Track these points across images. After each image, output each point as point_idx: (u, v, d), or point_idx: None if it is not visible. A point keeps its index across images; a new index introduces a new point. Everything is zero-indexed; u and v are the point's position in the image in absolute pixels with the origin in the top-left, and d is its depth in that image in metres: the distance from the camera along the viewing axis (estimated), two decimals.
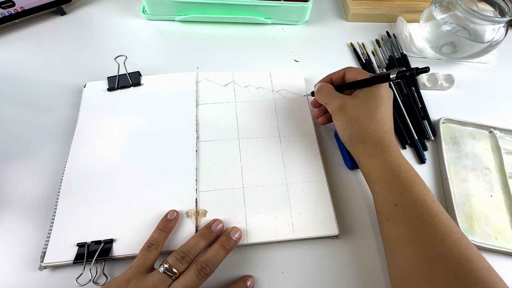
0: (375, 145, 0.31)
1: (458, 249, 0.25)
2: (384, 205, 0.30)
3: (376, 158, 0.31)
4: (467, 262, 0.24)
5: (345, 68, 0.36)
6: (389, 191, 0.29)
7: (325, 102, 0.35)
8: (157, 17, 0.50)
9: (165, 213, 0.32)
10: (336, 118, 0.33)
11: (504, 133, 0.41)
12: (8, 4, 0.45)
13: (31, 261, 0.30)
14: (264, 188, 0.34)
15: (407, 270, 0.26)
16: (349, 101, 0.33)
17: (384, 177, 0.30)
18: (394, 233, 0.28)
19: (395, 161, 0.30)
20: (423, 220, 0.27)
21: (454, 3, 0.43)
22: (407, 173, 0.30)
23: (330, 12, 0.55)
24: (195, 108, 0.40)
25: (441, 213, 0.27)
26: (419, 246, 0.26)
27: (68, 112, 0.40)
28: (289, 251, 0.32)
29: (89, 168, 0.35)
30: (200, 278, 0.27)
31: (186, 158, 0.36)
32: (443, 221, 0.27)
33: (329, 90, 0.35)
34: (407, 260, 0.27)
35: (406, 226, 0.27)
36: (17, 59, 0.45)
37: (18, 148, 0.37)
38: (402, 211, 0.28)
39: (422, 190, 0.29)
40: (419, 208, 0.27)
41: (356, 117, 0.32)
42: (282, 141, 0.38)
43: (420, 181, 0.29)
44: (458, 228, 0.27)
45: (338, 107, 0.33)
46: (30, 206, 0.33)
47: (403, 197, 0.28)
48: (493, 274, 0.24)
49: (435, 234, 0.26)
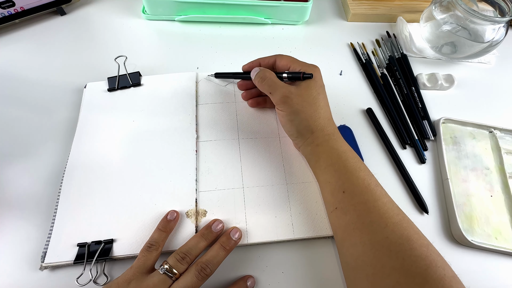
0: (323, 132, 0.31)
1: (399, 230, 0.26)
2: (333, 193, 0.30)
3: (325, 146, 0.31)
4: (408, 242, 0.25)
5: (276, 56, 0.35)
6: (338, 178, 0.29)
7: (269, 91, 0.33)
8: (157, 17, 0.50)
9: (165, 213, 0.32)
10: (281, 108, 0.32)
11: (504, 133, 0.41)
12: (8, 4, 0.45)
13: (32, 261, 0.30)
14: (264, 188, 0.35)
15: (355, 259, 0.27)
16: (294, 91, 0.32)
17: (333, 164, 0.30)
18: (343, 222, 0.28)
19: (341, 148, 0.31)
20: (369, 205, 0.27)
21: (454, 3, 0.43)
22: (353, 158, 0.30)
23: (330, 12, 0.55)
24: (195, 108, 0.40)
25: (384, 195, 0.28)
26: (365, 232, 0.26)
27: (68, 112, 0.40)
28: (289, 251, 0.32)
29: (89, 168, 0.35)
30: (200, 278, 0.27)
31: (186, 158, 0.36)
32: (386, 204, 0.27)
33: (273, 79, 0.33)
34: (355, 248, 0.27)
35: (354, 213, 0.28)
36: (17, 59, 0.45)
37: (18, 148, 0.37)
38: (349, 198, 0.28)
39: (367, 175, 0.29)
40: (364, 193, 0.28)
41: (302, 107, 0.31)
42: (282, 141, 0.38)
43: (364, 167, 0.30)
44: (399, 210, 0.28)
45: (283, 97, 0.32)
46: (31, 206, 0.33)
47: (350, 183, 0.29)
48: (432, 251, 0.25)
49: (379, 217, 0.27)
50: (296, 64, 0.34)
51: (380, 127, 0.41)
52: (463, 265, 0.33)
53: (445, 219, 0.35)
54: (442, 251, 0.26)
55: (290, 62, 0.34)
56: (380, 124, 0.41)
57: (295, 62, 0.34)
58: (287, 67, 0.34)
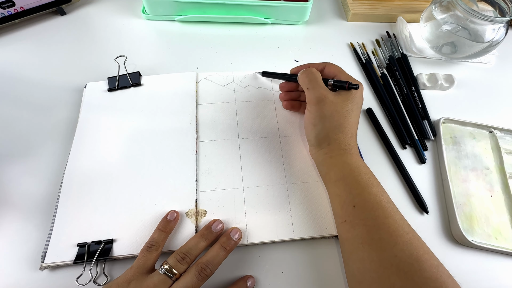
0: (339, 146, 0.31)
1: (409, 249, 0.25)
2: (342, 206, 0.29)
3: (338, 159, 0.31)
4: (418, 262, 0.25)
5: (326, 63, 0.36)
6: (348, 192, 0.29)
7: (307, 86, 0.33)
8: (157, 17, 0.50)
9: (165, 213, 0.32)
10: (311, 109, 0.32)
11: (504, 133, 0.41)
12: (8, 4, 0.45)
13: (32, 261, 0.30)
14: (264, 188, 0.35)
15: (362, 273, 0.26)
16: (331, 97, 0.32)
17: (344, 178, 0.30)
18: (351, 236, 0.28)
19: (355, 163, 0.31)
20: (379, 221, 0.27)
21: (454, 3, 0.43)
22: (366, 174, 0.30)
23: (330, 12, 0.55)
24: (195, 108, 0.40)
25: (395, 213, 0.28)
26: (374, 248, 0.26)
27: (68, 112, 0.40)
28: (289, 251, 0.32)
29: (89, 168, 0.35)
30: (200, 279, 0.27)
31: (186, 158, 0.36)
32: (397, 222, 0.27)
33: (317, 77, 0.33)
34: (362, 263, 0.26)
35: (363, 228, 0.27)
36: (17, 59, 0.45)
37: (19, 148, 0.37)
38: (359, 212, 0.28)
39: (379, 191, 0.29)
40: (375, 209, 0.27)
41: (331, 115, 0.31)
42: (282, 141, 0.38)
43: (377, 183, 0.30)
44: (410, 228, 0.27)
45: (319, 97, 0.32)
46: (31, 206, 0.33)
47: (361, 198, 0.28)
48: (442, 272, 0.25)
49: (389, 235, 0.26)
50: (343, 75, 0.34)
51: (380, 127, 0.41)
52: (463, 265, 0.33)
53: (445, 219, 0.35)
54: (442, 251, 0.26)
55: (337, 72, 0.34)
56: (380, 124, 0.41)
57: (342, 73, 0.34)
58: (333, 75, 0.34)
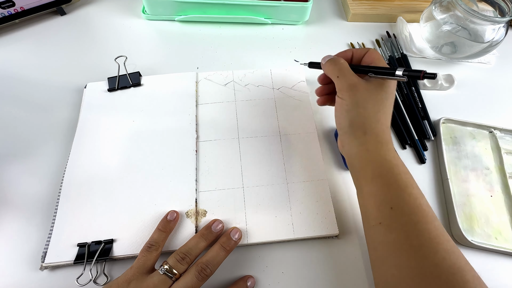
0: (376, 138, 0.29)
1: (451, 258, 0.24)
2: (378, 207, 0.27)
3: (376, 154, 0.28)
4: (461, 273, 0.23)
5: (368, 49, 0.33)
6: (386, 192, 0.27)
7: (336, 75, 0.31)
8: (157, 17, 0.50)
9: (165, 213, 0.32)
10: (343, 96, 0.30)
11: (504, 133, 0.41)
12: (8, 4, 0.45)
13: (32, 261, 0.30)
14: (264, 188, 0.35)
15: (398, 280, 0.25)
16: (363, 83, 0.30)
17: (382, 176, 0.27)
18: (386, 240, 0.26)
19: (394, 160, 0.28)
20: (419, 227, 0.25)
21: (454, 3, 0.43)
22: (406, 174, 0.28)
23: (330, 12, 0.55)
24: (195, 108, 0.40)
25: (435, 219, 0.26)
26: (413, 255, 0.24)
27: (68, 112, 0.40)
28: (289, 251, 0.32)
29: (89, 169, 0.35)
30: (200, 279, 0.27)
31: (186, 158, 0.36)
32: (438, 228, 0.25)
33: (344, 65, 0.31)
34: (399, 270, 0.25)
35: (400, 232, 0.25)
36: (17, 59, 0.45)
37: (19, 148, 0.37)
38: (398, 215, 0.26)
39: (419, 194, 0.27)
40: (416, 214, 0.26)
41: (365, 102, 0.29)
42: (283, 140, 0.38)
43: (416, 185, 0.28)
44: (449, 236, 0.26)
45: (350, 85, 0.30)
46: (31, 206, 0.33)
47: (400, 199, 0.26)
48: (483, 284, 0.24)
49: (430, 241, 0.24)
50: (380, 62, 0.31)
51: None
52: None
53: (445, 219, 0.35)
54: None
55: (376, 60, 0.31)
56: None
57: (381, 61, 0.31)
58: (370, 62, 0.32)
